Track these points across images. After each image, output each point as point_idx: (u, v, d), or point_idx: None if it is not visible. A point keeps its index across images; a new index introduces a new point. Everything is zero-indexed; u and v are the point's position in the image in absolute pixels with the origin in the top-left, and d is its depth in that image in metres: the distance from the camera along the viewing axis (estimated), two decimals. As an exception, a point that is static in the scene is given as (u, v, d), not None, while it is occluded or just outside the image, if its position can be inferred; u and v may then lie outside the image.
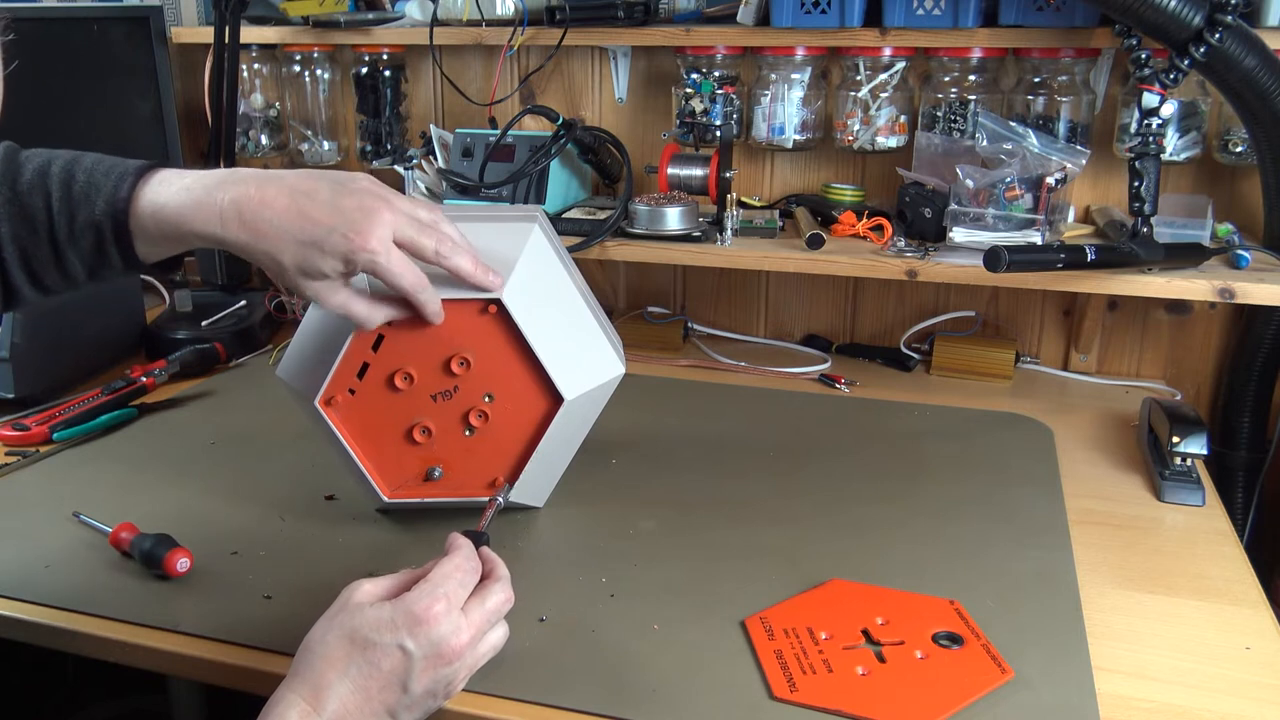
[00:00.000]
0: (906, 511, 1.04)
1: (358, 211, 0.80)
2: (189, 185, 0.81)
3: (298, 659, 0.70)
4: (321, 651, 0.69)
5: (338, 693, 0.68)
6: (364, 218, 0.80)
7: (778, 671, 0.78)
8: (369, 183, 0.83)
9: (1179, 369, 1.45)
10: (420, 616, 0.70)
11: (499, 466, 0.98)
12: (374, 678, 0.69)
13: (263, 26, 1.58)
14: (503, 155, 1.41)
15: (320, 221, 0.80)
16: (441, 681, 0.71)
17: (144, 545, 0.91)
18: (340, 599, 0.73)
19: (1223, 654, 0.82)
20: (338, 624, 0.70)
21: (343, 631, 0.70)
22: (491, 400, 0.94)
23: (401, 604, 0.71)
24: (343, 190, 0.81)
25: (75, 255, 0.83)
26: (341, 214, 0.80)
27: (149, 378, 1.31)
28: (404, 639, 0.69)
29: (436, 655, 0.70)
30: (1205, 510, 1.06)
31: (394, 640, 0.69)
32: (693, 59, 1.42)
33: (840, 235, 1.36)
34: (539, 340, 0.92)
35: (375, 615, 0.70)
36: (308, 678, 0.68)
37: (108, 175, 0.83)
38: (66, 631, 0.86)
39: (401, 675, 0.69)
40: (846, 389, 1.38)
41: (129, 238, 0.82)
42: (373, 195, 0.81)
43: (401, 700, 0.69)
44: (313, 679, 0.68)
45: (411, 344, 0.92)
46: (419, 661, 0.69)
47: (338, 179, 0.82)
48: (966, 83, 1.34)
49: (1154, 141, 1.17)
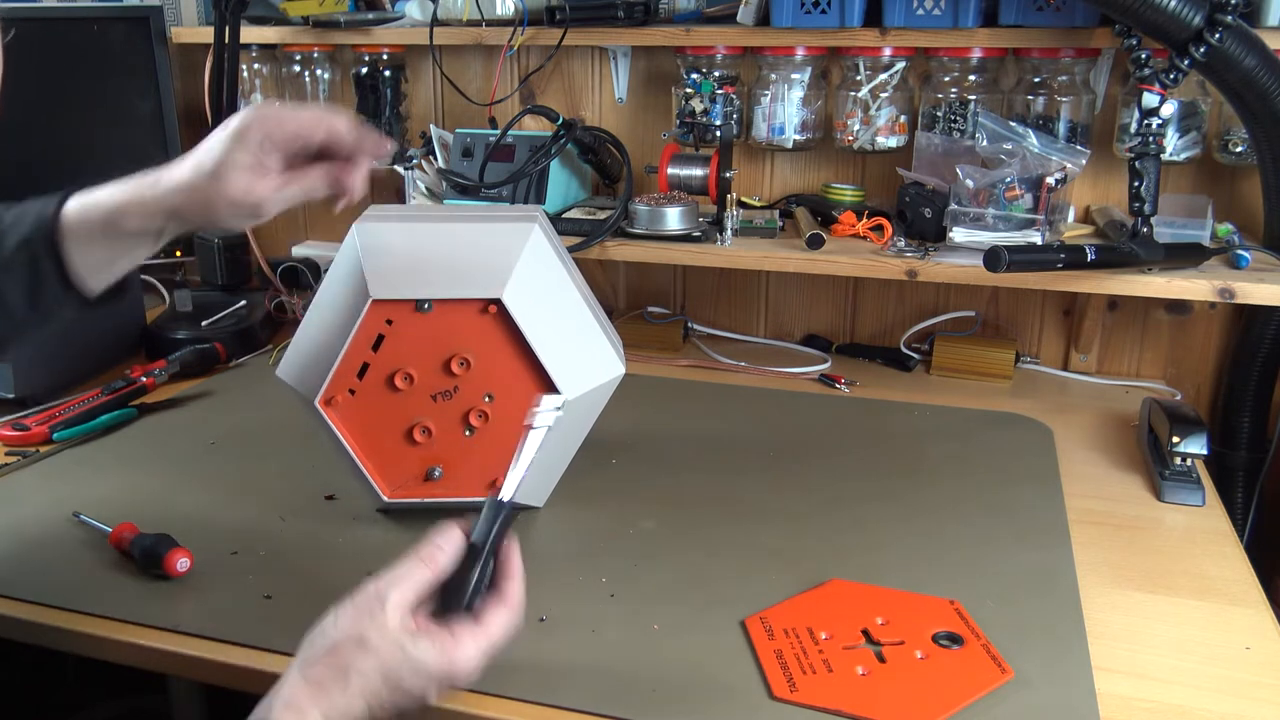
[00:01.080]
0: (906, 511, 1.04)
1: None
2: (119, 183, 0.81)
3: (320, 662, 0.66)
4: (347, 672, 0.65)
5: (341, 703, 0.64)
6: None
7: (778, 671, 0.78)
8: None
9: (1179, 369, 1.45)
10: (459, 674, 0.67)
11: (499, 466, 0.98)
12: (386, 705, 0.65)
13: (263, 26, 1.58)
14: (503, 155, 1.41)
15: None
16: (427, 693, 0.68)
17: (144, 545, 0.91)
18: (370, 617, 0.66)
19: (1223, 654, 0.82)
20: (374, 653, 0.65)
21: (378, 662, 0.65)
22: (491, 400, 0.94)
23: (447, 657, 0.66)
24: None
25: (12, 283, 0.81)
26: None
27: (149, 378, 1.31)
28: (432, 690, 0.66)
29: (449, 683, 0.67)
30: (1205, 510, 1.06)
31: (422, 688, 0.66)
32: (693, 59, 1.42)
33: (840, 235, 1.36)
34: (539, 340, 0.92)
35: (417, 659, 0.65)
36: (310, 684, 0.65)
37: (34, 205, 0.83)
38: (66, 631, 0.86)
39: (418, 699, 0.66)
40: (846, 389, 1.38)
41: (60, 248, 0.80)
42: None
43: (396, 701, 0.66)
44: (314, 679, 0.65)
45: (412, 344, 0.92)
46: (432, 693, 0.67)
47: None
48: (966, 83, 1.34)
49: (1154, 141, 1.17)
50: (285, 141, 0.80)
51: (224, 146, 0.79)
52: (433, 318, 0.92)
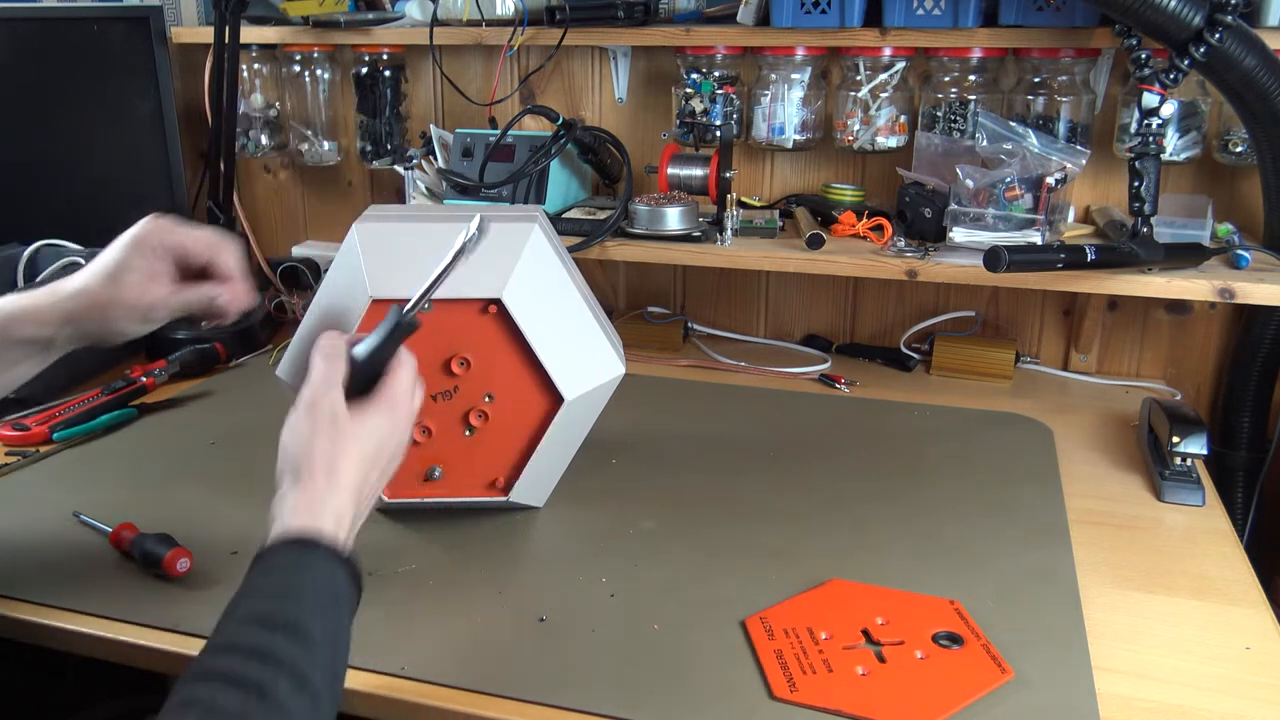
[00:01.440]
0: (906, 511, 1.04)
1: None
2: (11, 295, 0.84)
3: (294, 456, 0.74)
4: (321, 449, 0.73)
5: (344, 478, 0.73)
6: None
7: (778, 671, 0.78)
8: None
9: (1179, 369, 1.45)
10: (405, 404, 0.79)
11: (499, 466, 0.98)
12: (378, 461, 0.76)
13: (263, 26, 1.58)
14: (503, 155, 1.41)
15: None
16: (405, 444, 0.80)
17: (144, 545, 0.91)
18: (316, 397, 0.76)
19: (1223, 654, 0.83)
20: (324, 415, 0.75)
21: (333, 421, 0.75)
22: (491, 400, 0.94)
23: (391, 395, 0.78)
24: None
25: None
26: None
27: (149, 378, 1.31)
28: (401, 424, 0.78)
29: (413, 421, 0.80)
30: (1205, 510, 1.06)
31: (395, 429, 0.78)
32: (693, 59, 1.42)
33: (840, 235, 1.36)
34: (539, 340, 0.92)
35: (372, 416, 0.76)
36: (310, 470, 0.72)
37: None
38: (66, 631, 0.86)
39: (394, 448, 0.78)
40: (846, 389, 1.38)
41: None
42: None
43: (392, 465, 0.79)
44: (314, 472, 0.72)
45: (411, 344, 0.92)
46: (406, 435, 0.80)
47: None
48: (966, 83, 1.34)
49: (1154, 141, 1.17)
50: (176, 254, 0.85)
51: (123, 253, 0.84)
52: (432, 318, 0.91)
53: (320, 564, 0.67)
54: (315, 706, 0.61)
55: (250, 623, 0.63)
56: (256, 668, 0.60)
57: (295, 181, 1.77)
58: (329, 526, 0.70)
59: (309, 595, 0.66)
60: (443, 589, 0.90)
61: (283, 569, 0.67)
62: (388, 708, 0.77)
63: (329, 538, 0.69)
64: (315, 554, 0.68)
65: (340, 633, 0.67)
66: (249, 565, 0.68)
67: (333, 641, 0.65)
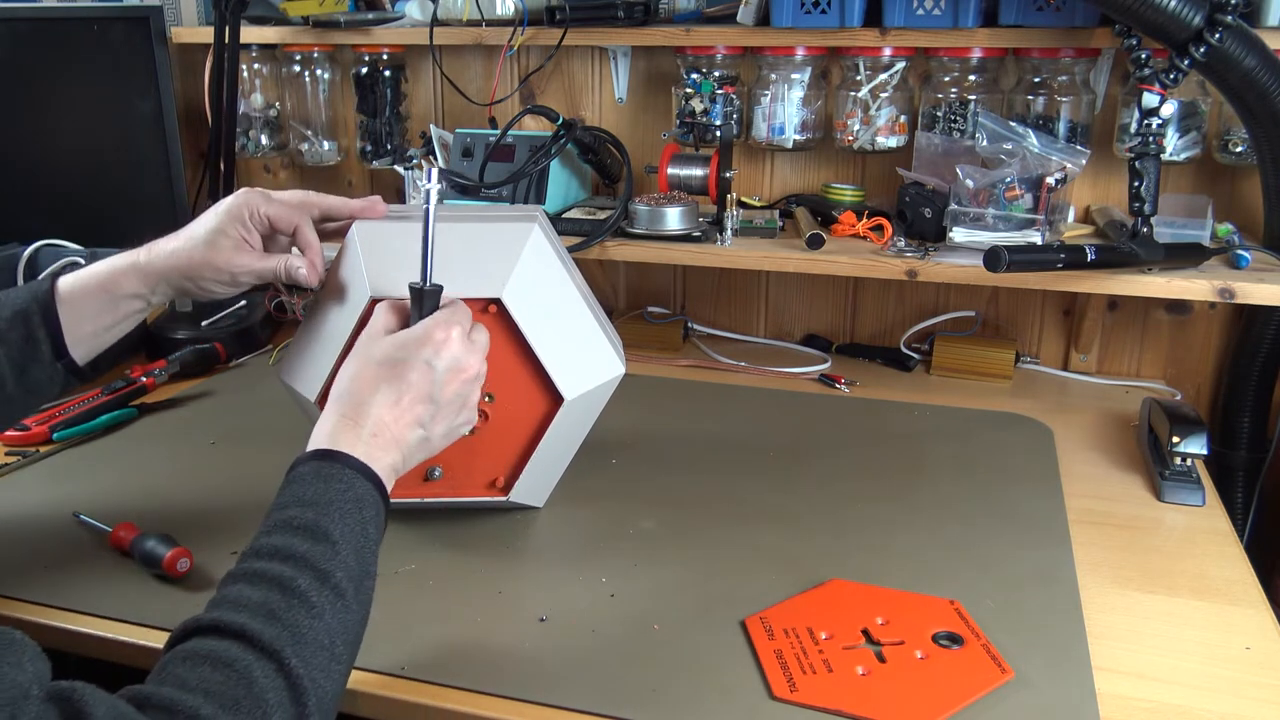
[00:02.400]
0: (906, 511, 1.04)
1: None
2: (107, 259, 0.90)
3: (333, 393, 0.79)
4: (352, 377, 0.78)
5: (374, 408, 0.76)
6: None
7: (778, 671, 0.78)
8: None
9: (1179, 369, 1.45)
10: (440, 339, 0.80)
11: (499, 466, 0.98)
12: (405, 391, 0.78)
13: (263, 26, 1.58)
14: (503, 155, 1.41)
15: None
16: (462, 396, 0.81)
17: (144, 545, 0.91)
18: (360, 341, 0.82)
19: (1223, 654, 0.83)
20: (363, 355, 0.80)
21: (369, 359, 0.79)
22: (492, 400, 0.94)
23: (421, 327, 0.80)
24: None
25: (4, 351, 0.86)
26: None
27: (149, 378, 1.31)
28: (429, 356, 0.79)
29: (457, 369, 0.80)
30: (1205, 510, 1.06)
31: (420, 357, 0.79)
32: (693, 59, 1.42)
33: (840, 235, 1.36)
34: (539, 340, 0.92)
35: (398, 339, 0.80)
36: (345, 399, 0.77)
37: (21, 287, 0.90)
38: (66, 631, 0.86)
39: (428, 388, 0.79)
40: (846, 389, 1.38)
41: (56, 319, 0.87)
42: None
43: (429, 411, 0.79)
44: (350, 400, 0.77)
45: None
46: (442, 374, 0.79)
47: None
48: (966, 83, 1.34)
49: (1154, 141, 1.17)
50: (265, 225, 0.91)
51: (218, 220, 0.90)
52: None
53: (341, 472, 0.72)
54: (340, 601, 0.66)
55: (274, 528, 0.69)
56: (278, 565, 0.66)
57: (295, 181, 1.77)
58: (352, 441, 0.75)
59: (328, 500, 0.70)
60: (443, 589, 0.90)
61: (306, 478, 0.72)
62: (388, 708, 0.77)
63: (349, 451, 0.74)
64: (335, 464, 0.73)
65: (364, 536, 0.71)
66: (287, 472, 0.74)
67: (355, 544, 0.70)
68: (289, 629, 0.62)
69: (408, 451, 0.79)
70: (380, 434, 0.76)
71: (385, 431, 0.76)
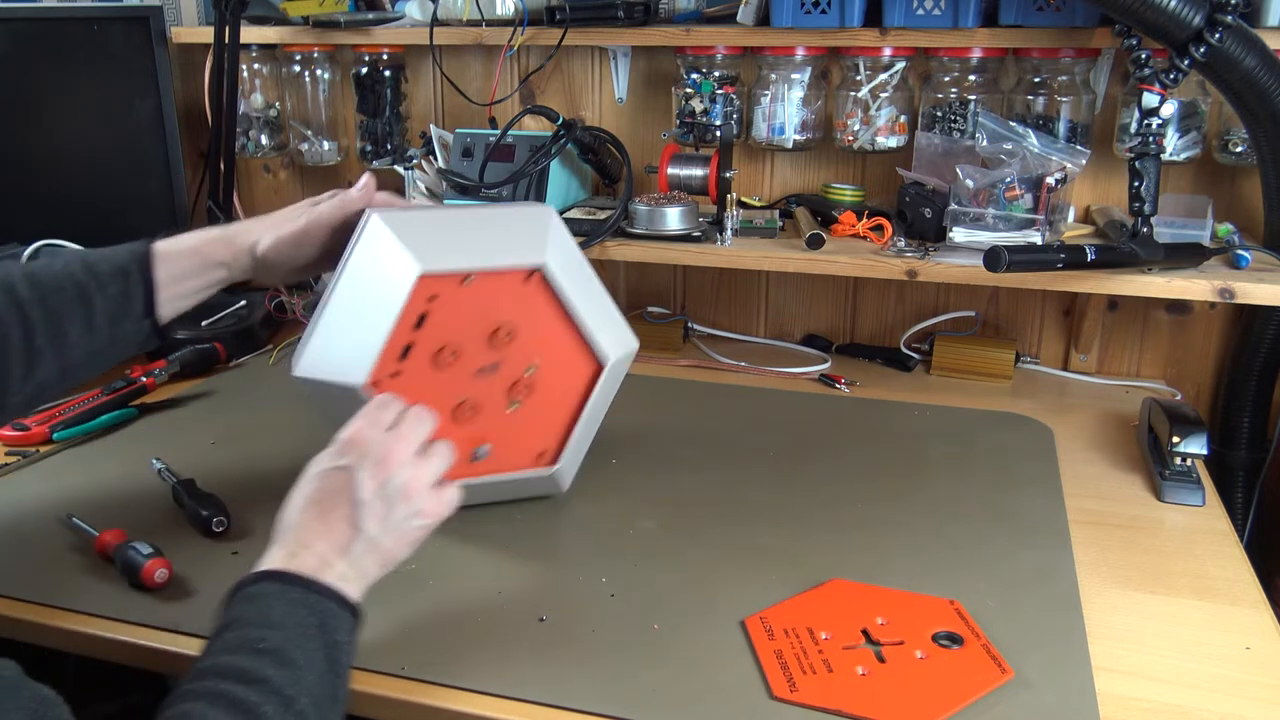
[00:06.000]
0: (906, 511, 1.04)
1: None
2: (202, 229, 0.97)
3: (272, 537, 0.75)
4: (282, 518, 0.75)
5: (300, 526, 0.74)
6: None
7: (778, 671, 0.78)
8: None
9: (1179, 369, 1.44)
10: (348, 440, 0.78)
11: (546, 437, 0.99)
12: (326, 502, 0.74)
13: (263, 26, 1.58)
14: (503, 155, 1.41)
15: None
16: (393, 487, 0.76)
17: (125, 553, 0.90)
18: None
19: (1223, 654, 0.83)
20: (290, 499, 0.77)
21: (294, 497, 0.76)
22: (534, 371, 0.96)
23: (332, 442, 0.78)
24: None
25: (101, 302, 0.90)
26: None
27: (149, 378, 1.31)
28: (337, 460, 0.76)
29: (375, 464, 0.76)
30: (1205, 510, 1.06)
31: (330, 465, 0.76)
32: (693, 59, 1.42)
33: (840, 235, 1.36)
34: (579, 305, 0.94)
35: (313, 463, 0.78)
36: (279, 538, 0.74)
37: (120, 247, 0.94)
38: (66, 631, 0.86)
39: (348, 489, 0.75)
40: (846, 389, 1.38)
41: (152, 277, 0.92)
42: None
43: (359, 512, 0.74)
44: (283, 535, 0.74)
45: (455, 319, 0.92)
46: (360, 474, 0.75)
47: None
48: (966, 83, 1.34)
49: (1154, 141, 1.17)
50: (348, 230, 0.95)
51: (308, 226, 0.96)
52: (474, 290, 0.92)
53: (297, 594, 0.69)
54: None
55: (234, 648, 0.65)
56: (243, 689, 0.62)
57: (295, 181, 1.77)
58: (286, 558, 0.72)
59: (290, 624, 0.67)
60: (443, 588, 0.90)
61: (263, 598, 0.69)
62: (388, 708, 0.77)
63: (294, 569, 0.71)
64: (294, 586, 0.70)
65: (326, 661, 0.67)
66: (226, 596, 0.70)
67: (317, 669, 0.66)
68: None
69: (354, 559, 0.74)
70: (313, 548, 0.72)
71: (318, 544, 0.73)
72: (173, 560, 0.90)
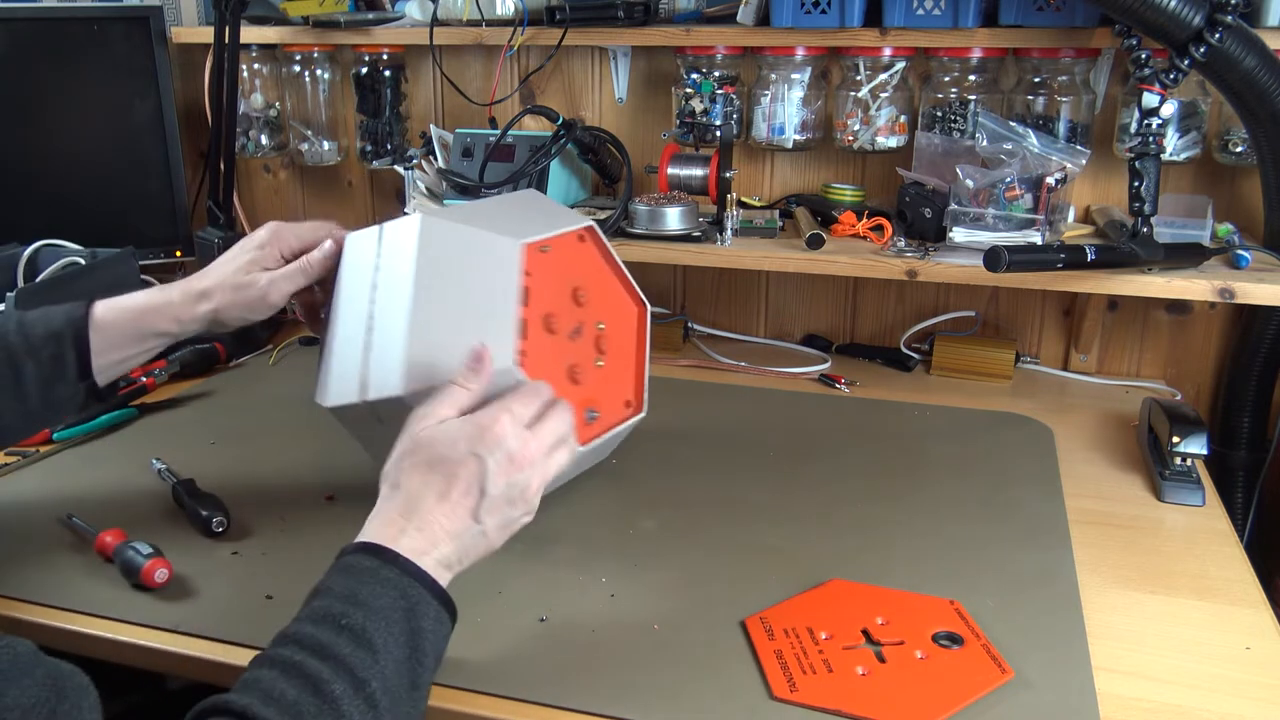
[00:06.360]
0: (906, 511, 1.04)
1: None
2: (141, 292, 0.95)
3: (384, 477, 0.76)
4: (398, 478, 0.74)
5: (418, 498, 0.73)
6: None
7: (778, 671, 0.78)
8: None
9: (1179, 369, 1.44)
10: (489, 428, 0.75)
11: (627, 386, 1.05)
12: (454, 485, 0.73)
13: (263, 26, 1.58)
14: (503, 155, 1.41)
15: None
16: (517, 487, 0.75)
17: (124, 554, 0.90)
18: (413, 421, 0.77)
19: (1223, 654, 0.83)
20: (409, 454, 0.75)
21: (416, 460, 0.75)
22: (604, 327, 1.00)
23: (471, 419, 0.76)
24: None
25: (33, 367, 0.90)
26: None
27: (149, 378, 1.31)
28: (476, 448, 0.74)
29: (509, 461, 0.75)
30: (1205, 510, 1.06)
31: (468, 450, 0.74)
32: (693, 59, 1.42)
33: (840, 235, 1.36)
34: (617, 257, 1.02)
35: (445, 431, 0.75)
36: (392, 501, 0.74)
37: (59, 307, 0.93)
38: (66, 631, 0.86)
39: (479, 479, 0.74)
40: (846, 389, 1.38)
41: (87, 343, 0.91)
42: None
43: (482, 504, 0.74)
44: (396, 501, 0.73)
45: (543, 288, 0.94)
46: (493, 466, 0.74)
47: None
48: (966, 83, 1.34)
49: (1154, 141, 1.17)
50: (296, 256, 0.96)
51: (249, 259, 0.95)
52: (552, 258, 0.95)
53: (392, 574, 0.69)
54: (372, 713, 0.63)
55: (319, 619, 0.66)
56: (317, 663, 0.63)
57: (295, 181, 1.77)
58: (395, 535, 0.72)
59: (377, 605, 0.67)
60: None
61: (358, 572, 0.69)
62: (388, 708, 0.77)
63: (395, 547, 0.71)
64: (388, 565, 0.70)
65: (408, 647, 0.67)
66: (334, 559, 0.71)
67: (395, 655, 0.66)
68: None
69: (462, 546, 0.74)
70: (426, 529, 0.72)
71: (433, 526, 0.73)
72: (173, 560, 0.90)
